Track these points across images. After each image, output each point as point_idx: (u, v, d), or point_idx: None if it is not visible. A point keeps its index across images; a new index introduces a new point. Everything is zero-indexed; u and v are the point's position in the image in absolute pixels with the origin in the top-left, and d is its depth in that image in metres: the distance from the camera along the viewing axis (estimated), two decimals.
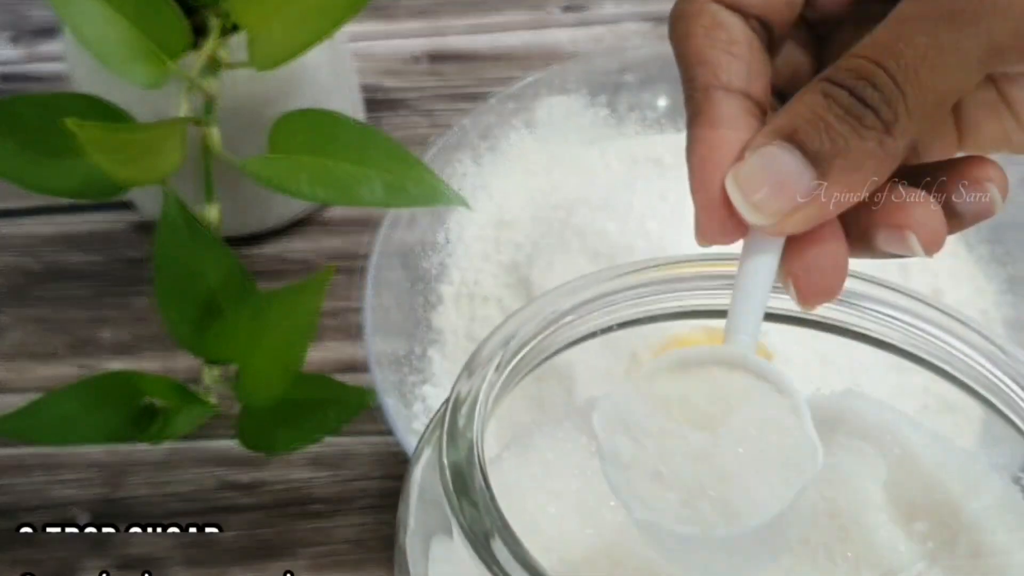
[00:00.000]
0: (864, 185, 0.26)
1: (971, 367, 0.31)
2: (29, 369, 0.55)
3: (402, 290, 0.53)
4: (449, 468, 0.27)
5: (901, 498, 0.31)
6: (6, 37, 0.71)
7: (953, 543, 0.30)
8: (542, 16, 0.72)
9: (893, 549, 0.30)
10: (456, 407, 0.28)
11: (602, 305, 0.32)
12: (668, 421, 0.27)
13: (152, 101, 0.48)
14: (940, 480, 0.31)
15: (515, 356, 0.30)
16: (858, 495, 0.31)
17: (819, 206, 0.26)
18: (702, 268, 0.32)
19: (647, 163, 0.58)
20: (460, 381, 0.29)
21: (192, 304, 0.45)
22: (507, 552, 0.25)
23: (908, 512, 0.31)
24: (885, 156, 0.26)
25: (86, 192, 0.45)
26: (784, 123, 0.27)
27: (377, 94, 0.67)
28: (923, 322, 0.31)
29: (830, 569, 0.30)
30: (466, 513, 0.26)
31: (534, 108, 0.60)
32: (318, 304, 0.43)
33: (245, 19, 0.45)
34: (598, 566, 0.30)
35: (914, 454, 0.32)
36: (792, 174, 0.26)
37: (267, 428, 0.46)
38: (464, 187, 0.57)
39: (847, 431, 0.32)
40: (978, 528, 0.30)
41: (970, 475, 0.31)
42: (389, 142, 0.46)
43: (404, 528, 0.29)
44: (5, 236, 0.61)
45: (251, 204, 0.57)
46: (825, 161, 0.26)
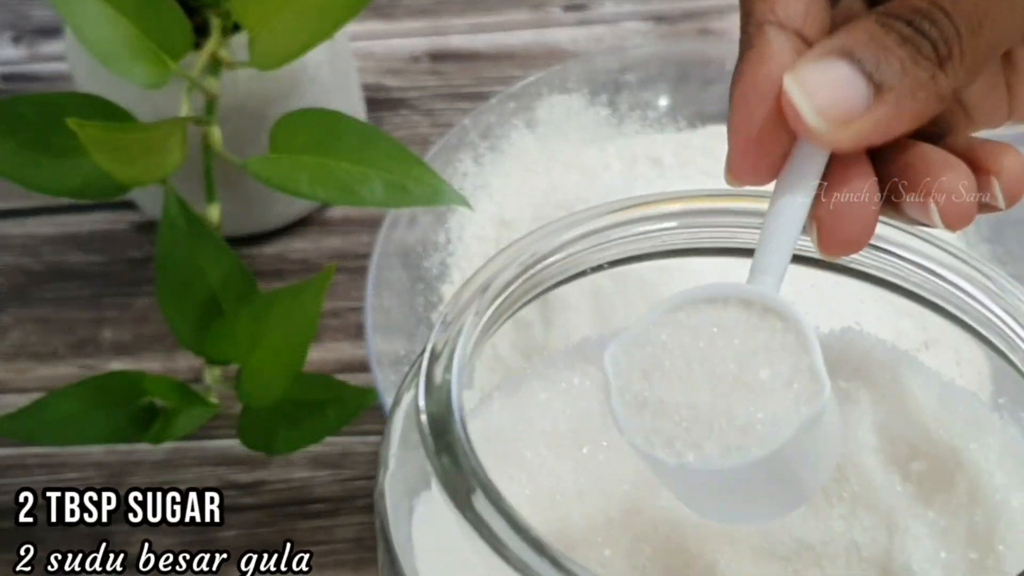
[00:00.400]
0: (914, 116, 0.26)
1: (972, 306, 0.30)
2: (30, 369, 0.55)
3: (403, 290, 0.53)
4: (428, 420, 0.27)
5: (899, 438, 0.31)
6: (8, 37, 0.71)
7: (951, 484, 0.30)
8: (543, 15, 0.72)
9: (890, 490, 0.30)
10: (433, 358, 0.28)
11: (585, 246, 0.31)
12: (679, 357, 0.26)
13: (153, 101, 0.48)
14: (939, 420, 0.31)
15: (493, 302, 0.30)
16: (855, 436, 0.31)
17: (873, 123, 0.26)
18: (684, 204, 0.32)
19: (647, 162, 0.58)
20: (436, 331, 0.29)
21: (193, 304, 0.46)
22: (489, 507, 0.25)
23: (906, 453, 0.31)
24: (936, 91, 0.26)
25: (87, 192, 0.45)
26: (841, 42, 0.26)
27: (378, 94, 0.67)
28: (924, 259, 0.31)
29: (826, 510, 0.30)
30: (445, 466, 0.26)
31: (535, 107, 0.60)
32: (319, 304, 0.43)
33: (246, 19, 0.45)
34: (590, 504, 0.30)
35: (913, 394, 0.32)
36: (852, 86, 0.26)
37: (268, 428, 0.46)
38: (465, 187, 0.57)
39: (845, 370, 0.32)
40: (976, 469, 0.30)
41: (970, 415, 0.31)
42: (390, 142, 0.46)
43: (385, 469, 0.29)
44: (6, 236, 0.61)
45: (252, 204, 0.57)
46: (883, 82, 0.26)
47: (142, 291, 0.58)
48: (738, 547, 0.29)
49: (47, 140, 0.44)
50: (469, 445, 0.26)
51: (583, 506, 0.30)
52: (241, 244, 0.58)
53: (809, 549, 0.29)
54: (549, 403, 0.32)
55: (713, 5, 0.72)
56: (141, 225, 0.61)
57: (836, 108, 0.26)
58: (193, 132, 0.47)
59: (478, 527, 0.25)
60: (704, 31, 0.71)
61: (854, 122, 0.26)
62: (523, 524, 0.25)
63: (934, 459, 0.30)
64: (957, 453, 0.30)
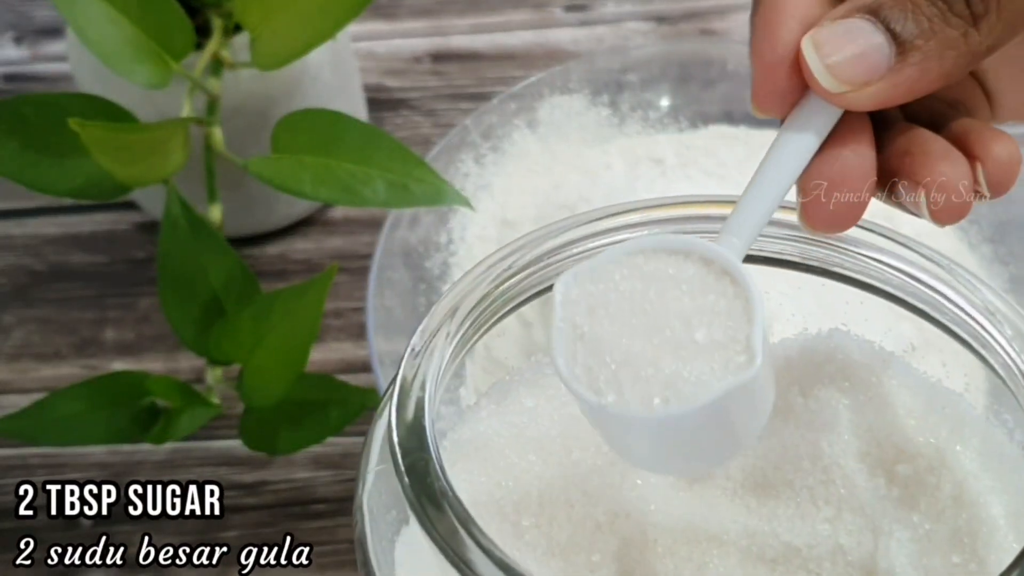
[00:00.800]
0: (939, 75, 0.26)
1: (957, 315, 0.30)
2: (33, 369, 0.55)
3: (405, 290, 0.53)
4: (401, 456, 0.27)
5: (885, 440, 0.31)
6: (10, 37, 0.71)
7: (936, 487, 0.30)
8: (544, 16, 0.72)
9: (875, 493, 0.30)
10: (403, 392, 0.28)
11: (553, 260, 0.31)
12: (626, 300, 0.26)
13: (155, 101, 0.48)
14: (926, 422, 0.31)
15: (463, 325, 0.30)
16: (841, 438, 0.31)
17: (892, 85, 0.26)
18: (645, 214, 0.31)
19: (649, 162, 0.58)
20: (405, 361, 0.29)
21: (196, 304, 0.46)
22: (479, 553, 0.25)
23: (892, 455, 0.31)
24: (967, 50, 0.25)
25: (90, 192, 0.45)
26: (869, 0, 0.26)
27: (380, 94, 0.67)
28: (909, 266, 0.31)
29: (812, 512, 0.30)
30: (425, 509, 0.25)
31: (536, 108, 0.60)
32: (321, 304, 0.43)
33: (248, 19, 0.46)
34: (578, 509, 0.30)
35: (900, 395, 0.31)
36: (872, 46, 0.25)
37: (270, 428, 0.46)
38: (466, 187, 0.57)
39: (832, 371, 0.32)
40: (962, 472, 0.30)
41: (956, 417, 0.31)
42: (392, 142, 0.46)
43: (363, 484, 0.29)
44: (9, 236, 0.61)
45: (254, 204, 0.57)
46: (907, 41, 0.25)
47: (144, 291, 0.58)
48: (726, 550, 0.29)
49: (49, 140, 0.44)
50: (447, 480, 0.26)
51: (571, 511, 0.30)
52: (243, 244, 0.59)
53: (796, 552, 0.29)
54: (537, 409, 0.32)
55: (714, 5, 0.72)
56: (143, 225, 0.61)
57: (851, 70, 0.25)
58: (195, 132, 0.47)
59: (460, 567, 0.25)
60: (705, 31, 0.71)
61: (872, 83, 0.25)
62: (507, 562, 0.24)
63: (919, 462, 0.30)
64: (943, 455, 0.30)
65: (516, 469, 0.30)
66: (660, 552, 0.29)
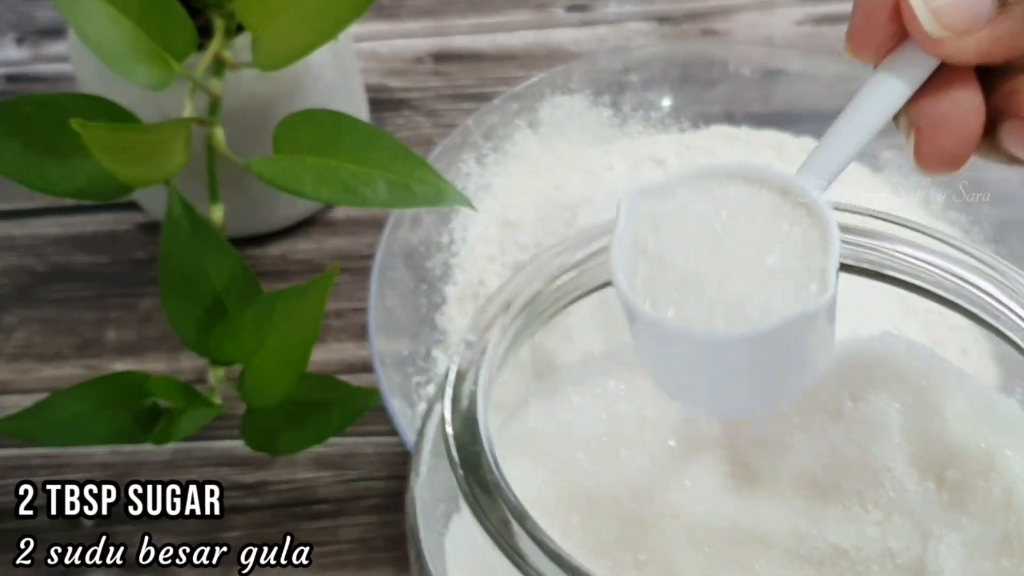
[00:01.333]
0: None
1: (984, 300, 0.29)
2: (34, 369, 0.55)
3: (406, 290, 0.53)
4: (455, 442, 0.27)
5: (935, 445, 0.30)
6: (12, 38, 0.71)
7: (987, 491, 0.29)
8: (546, 16, 0.72)
9: (925, 497, 0.29)
10: (459, 379, 0.28)
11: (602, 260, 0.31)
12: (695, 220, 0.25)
13: (157, 102, 0.48)
14: (976, 427, 0.30)
15: (516, 319, 0.29)
16: (891, 442, 0.30)
17: (994, 38, 0.25)
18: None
19: (651, 163, 0.58)
20: (463, 351, 0.28)
21: (197, 305, 0.46)
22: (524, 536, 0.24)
23: (942, 459, 0.30)
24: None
25: (91, 193, 0.45)
26: None
27: (381, 94, 0.67)
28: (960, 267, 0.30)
29: (861, 515, 0.29)
30: (475, 493, 0.25)
31: (538, 108, 0.60)
32: (323, 305, 0.43)
33: (250, 20, 0.46)
34: (626, 508, 0.30)
35: (950, 400, 0.31)
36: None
37: (272, 429, 0.46)
38: (468, 187, 0.57)
39: (883, 375, 0.31)
40: (1012, 475, 0.29)
41: (1006, 422, 0.30)
42: (393, 142, 0.46)
43: (416, 476, 0.29)
44: (10, 237, 0.61)
45: (256, 204, 0.57)
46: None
47: (146, 292, 0.58)
48: (773, 552, 0.29)
49: (51, 141, 0.44)
50: (500, 473, 0.26)
51: (619, 509, 0.30)
52: (245, 245, 0.59)
53: (844, 555, 0.29)
54: (584, 407, 0.31)
55: (716, 6, 0.72)
56: (145, 226, 0.61)
57: (955, 15, 0.25)
58: (197, 133, 0.47)
59: (512, 558, 0.24)
60: (707, 31, 0.71)
61: (973, 32, 0.25)
62: (559, 553, 0.24)
63: (970, 466, 0.30)
64: (992, 459, 0.30)
65: (564, 467, 0.30)
66: (707, 553, 0.29)
